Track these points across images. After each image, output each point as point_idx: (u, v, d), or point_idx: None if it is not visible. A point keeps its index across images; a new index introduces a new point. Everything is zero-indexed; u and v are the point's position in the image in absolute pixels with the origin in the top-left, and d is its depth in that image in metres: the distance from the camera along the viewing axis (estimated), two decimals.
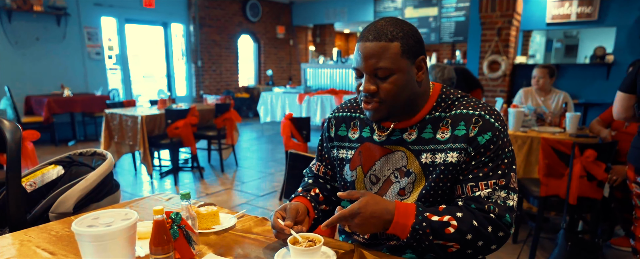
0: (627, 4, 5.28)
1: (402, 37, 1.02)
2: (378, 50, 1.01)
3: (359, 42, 1.05)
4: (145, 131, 3.94)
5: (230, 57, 8.96)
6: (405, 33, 1.03)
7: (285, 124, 3.39)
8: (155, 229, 0.86)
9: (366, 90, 1.05)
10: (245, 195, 3.82)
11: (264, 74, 9.67)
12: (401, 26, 1.03)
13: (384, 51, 1.01)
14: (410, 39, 1.03)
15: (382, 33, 1.01)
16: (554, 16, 5.69)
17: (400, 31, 1.02)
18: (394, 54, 1.01)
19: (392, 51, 1.01)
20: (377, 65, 1.02)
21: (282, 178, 4.32)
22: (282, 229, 1.07)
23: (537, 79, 3.21)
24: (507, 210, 1.02)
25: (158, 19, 7.82)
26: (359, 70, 1.06)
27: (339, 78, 7.01)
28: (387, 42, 1.01)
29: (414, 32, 1.05)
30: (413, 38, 1.04)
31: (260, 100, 6.90)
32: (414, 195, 1.12)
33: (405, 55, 1.03)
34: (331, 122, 1.29)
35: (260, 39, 9.53)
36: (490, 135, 1.03)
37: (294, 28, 10.22)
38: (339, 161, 1.26)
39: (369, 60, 1.02)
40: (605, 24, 5.43)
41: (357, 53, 1.05)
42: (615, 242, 2.79)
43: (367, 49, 1.02)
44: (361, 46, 1.04)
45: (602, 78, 5.50)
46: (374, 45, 1.01)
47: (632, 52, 5.25)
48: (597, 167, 2.29)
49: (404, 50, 1.02)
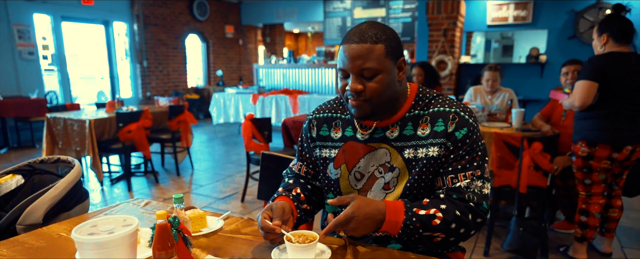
0: (557, 8, 5.77)
1: (385, 39, 1.08)
2: (364, 51, 1.06)
3: (344, 44, 1.09)
4: (95, 136, 3.73)
5: (178, 57, 8.67)
6: (388, 36, 1.09)
7: (246, 125, 3.36)
8: (160, 234, 0.84)
9: (353, 90, 1.09)
10: (205, 198, 3.73)
11: (213, 74, 9.46)
12: (384, 29, 1.10)
13: (370, 52, 1.06)
14: (393, 42, 1.10)
15: (367, 35, 1.07)
16: (493, 18, 6.10)
17: (383, 34, 1.08)
18: (379, 55, 1.07)
19: (377, 52, 1.07)
20: (364, 65, 1.07)
21: (241, 179, 4.28)
22: (272, 229, 1.08)
23: (489, 81, 3.42)
24: (484, 198, 1.12)
25: (98, 17, 7.39)
26: (345, 70, 1.11)
27: (292, 78, 7.03)
28: (372, 44, 1.06)
29: (395, 35, 1.12)
30: (395, 41, 1.11)
31: (212, 101, 6.75)
32: (399, 188, 1.19)
33: (389, 56, 1.09)
34: (312, 123, 1.32)
35: (208, 38, 9.31)
36: (466, 130, 1.12)
37: (243, 27, 10.08)
38: (322, 160, 1.30)
39: (355, 61, 1.07)
40: (538, 27, 5.91)
41: (343, 54, 1.09)
42: (557, 226, 3.06)
43: (353, 51, 1.07)
44: (347, 48, 1.08)
45: (537, 76, 5.97)
46: (360, 47, 1.06)
47: (562, 53, 5.75)
48: (543, 158, 2.51)
49: (387, 52, 1.08)
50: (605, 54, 2.28)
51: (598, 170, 2.38)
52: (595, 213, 2.45)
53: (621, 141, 2.29)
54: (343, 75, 1.13)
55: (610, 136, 2.29)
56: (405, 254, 1.08)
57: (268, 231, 1.09)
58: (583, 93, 2.26)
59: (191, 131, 4.58)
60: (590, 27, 5.57)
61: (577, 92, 2.29)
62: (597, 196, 2.44)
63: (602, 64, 2.24)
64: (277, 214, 1.13)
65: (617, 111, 2.29)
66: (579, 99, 2.28)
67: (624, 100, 2.28)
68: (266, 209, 1.16)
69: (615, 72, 2.23)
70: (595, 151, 2.34)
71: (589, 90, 2.25)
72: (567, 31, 5.73)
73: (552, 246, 2.73)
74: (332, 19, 8.87)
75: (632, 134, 2.31)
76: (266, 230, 1.09)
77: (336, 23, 8.89)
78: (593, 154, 2.35)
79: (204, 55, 9.51)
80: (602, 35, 2.31)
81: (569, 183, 2.87)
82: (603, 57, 2.27)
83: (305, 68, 6.90)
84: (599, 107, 2.31)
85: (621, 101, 2.28)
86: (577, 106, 2.31)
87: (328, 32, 8.93)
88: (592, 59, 2.29)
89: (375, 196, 1.23)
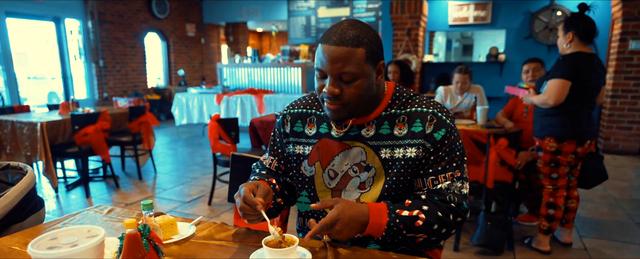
0: (514, 9, 6.00)
1: (366, 42, 1.04)
2: (344, 55, 1.02)
3: (323, 44, 1.05)
4: (47, 140, 3.50)
5: (137, 56, 8.33)
6: (369, 39, 1.05)
7: (212, 126, 3.25)
8: (130, 245, 0.77)
9: (330, 93, 1.07)
10: (170, 202, 3.59)
11: (175, 74, 9.16)
12: (366, 31, 1.05)
13: (350, 56, 1.03)
14: (374, 45, 1.06)
15: (348, 37, 1.02)
16: (455, 19, 6.25)
17: (365, 36, 1.04)
18: (359, 60, 1.04)
19: (358, 57, 1.03)
20: (343, 69, 1.04)
21: (207, 182, 4.15)
22: (255, 204, 1.03)
23: (459, 83, 3.48)
24: (463, 198, 1.12)
25: (48, 13, 6.96)
26: (323, 71, 1.07)
27: (257, 78, 6.91)
28: (353, 48, 1.02)
29: (376, 37, 1.08)
30: (376, 44, 1.07)
31: (175, 102, 6.53)
32: (375, 188, 1.17)
33: (369, 61, 1.06)
34: (286, 119, 1.28)
35: (169, 37, 9.00)
36: (444, 131, 1.11)
37: (204, 26, 9.83)
38: (296, 157, 1.26)
39: (335, 64, 1.03)
40: (497, 27, 6.11)
41: (322, 55, 1.05)
42: (521, 219, 3.17)
43: (333, 53, 1.03)
44: (326, 49, 1.04)
45: (496, 74, 6.18)
46: (340, 49, 1.02)
47: (519, 52, 5.98)
48: (509, 153, 2.58)
49: (368, 56, 1.05)
50: (576, 54, 2.36)
51: (564, 164, 2.48)
52: (560, 205, 2.54)
53: (584, 136, 2.41)
54: (320, 75, 1.09)
55: (576, 131, 2.40)
56: (387, 254, 1.06)
57: (251, 205, 1.04)
58: (557, 92, 2.34)
59: (153, 133, 4.40)
60: (545, 27, 5.83)
61: (552, 90, 2.36)
62: (562, 189, 2.54)
63: (575, 63, 2.33)
64: (261, 192, 1.09)
65: (580, 108, 2.40)
66: (553, 97, 2.35)
67: (585, 99, 2.39)
68: (250, 184, 1.11)
69: (583, 72, 2.33)
70: (562, 147, 2.43)
71: (563, 88, 2.33)
72: (523, 31, 5.96)
73: (517, 239, 2.81)
74: (296, 18, 8.82)
75: (590, 129, 2.44)
76: (249, 203, 1.04)
77: (300, 22, 8.84)
78: (561, 149, 2.44)
79: (165, 55, 9.19)
80: (568, 33, 2.39)
81: (532, 177, 2.97)
82: (575, 56, 2.35)
83: (271, 68, 6.81)
84: (566, 105, 2.40)
85: (584, 99, 2.39)
86: (550, 104, 2.38)
87: (292, 31, 8.87)
88: (566, 58, 2.37)
89: (350, 196, 1.20)
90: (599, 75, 2.40)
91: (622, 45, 5.03)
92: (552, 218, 2.57)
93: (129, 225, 0.78)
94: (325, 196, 1.24)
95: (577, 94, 2.36)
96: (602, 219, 3.19)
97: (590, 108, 2.46)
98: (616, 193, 3.80)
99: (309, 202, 1.27)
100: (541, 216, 2.62)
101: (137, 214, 1.32)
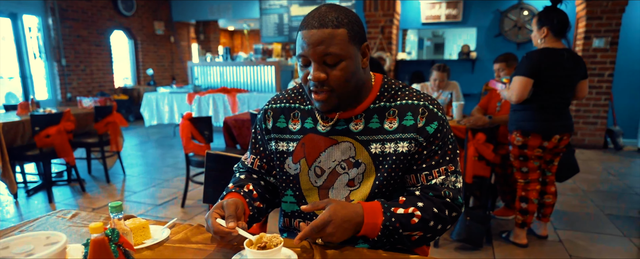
0: (484, 8, 6.11)
1: (347, 23, 1.00)
2: (325, 36, 0.98)
3: (303, 30, 1.01)
4: (4, 142, 3.27)
5: (102, 55, 7.99)
6: (349, 19, 1.01)
7: (185, 125, 3.13)
8: (96, 251, 0.68)
9: (316, 79, 1.01)
10: (142, 205, 3.43)
11: (143, 73, 8.86)
12: (345, 12, 1.01)
13: (332, 37, 0.98)
14: (355, 25, 1.02)
15: (327, 19, 0.98)
16: (427, 17, 6.31)
17: (345, 17, 1.00)
18: (341, 40, 0.99)
19: (340, 37, 0.99)
20: (327, 51, 0.98)
21: (179, 184, 4.00)
22: (226, 233, 0.96)
23: (436, 81, 3.49)
24: (458, 192, 1.09)
25: (4, 9, 6.57)
26: (306, 57, 1.02)
27: (230, 76, 6.77)
28: (333, 29, 0.98)
29: (356, 18, 1.04)
30: (357, 24, 1.03)
31: (144, 102, 6.30)
32: (365, 185, 1.12)
33: (352, 41, 1.01)
34: (268, 114, 1.21)
35: (136, 35, 8.70)
36: (437, 124, 1.07)
37: (174, 24, 9.56)
38: (279, 154, 1.19)
39: (317, 47, 0.98)
40: (468, 25, 6.21)
41: (302, 41, 1.01)
42: (497, 213, 3.20)
43: (314, 36, 0.98)
44: (306, 33, 0.99)
45: (469, 72, 6.28)
46: (321, 32, 0.98)
47: (490, 49, 6.10)
48: (487, 148, 2.59)
49: (350, 36, 1.00)
50: (541, 50, 2.38)
51: (532, 158, 2.51)
52: (533, 199, 2.57)
53: (550, 130, 2.43)
54: (303, 62, 1.04)
55: (541, 126, 2.42)
56: (376, 252, 1.01)
57: (225, 236, 0.96)
58: (519, 89, 2.36)
59: (121, 134, 4.20)
60: (514, 25, 5.96)
61: (513, 87, 2.39)
62: (534, 182, 2.56)
63: (537, 61, 2.34)
64: (230, 212, 1.00)
65: (547, 104, 2.42)
66: (515, 94, 2.38)
67: (554, 94, 2.41)
68: (216, 208, 1.03)
69: (548, 69, 2.35)
70: (528, 141, 2.46)
71: (524, 85, 2.35)
72: (493, 29, 6.08)
73: (495, 233, 2.83)
74: (268, 16, 8.70)
75: (560, 124, 2.45)
76: (220, 234, 0.96)
77: (273, 20, 8.73)
78: (527, 143, 2.47)
79: (132, 53, 8.87)
80: (542, 28, 2.41)
81: (508, 171, 3.00)
82: (538, 54, 2.37)
83: (243, 66, 6.68)
84: (532, 100, 2.42)
85: (551, 95, 2.41)
86: (513, 100, 2.41)
87: (265, 29, 8.74)
88: (529, 55, 2.39)
89: (338, 194, 1.14)
90: (569, 70, 2.40)
91: (586, 43, 5.20)
92: (526, 212, 2.59)
93: (95, 230, 0.69)
94: (311, 194, 1.17)
95: (544, 90, 2.38)
96: (573, 211, 3.26)
97: (563, 103, 2.46)
98: (585, 185, 3.91)
99: (295, 202, 1.20)
100: (516, 210, 2.65)
101: (105, 218, 1.21)
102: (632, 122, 5.59)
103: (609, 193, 3.72)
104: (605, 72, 5.20)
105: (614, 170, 4.49)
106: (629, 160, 4.99)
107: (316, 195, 1.17)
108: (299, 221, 1.21)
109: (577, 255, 2.54)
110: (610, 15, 5.06)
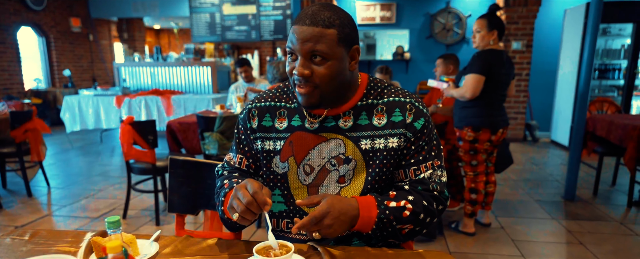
0: (415, 11, 6.42)
1: (338, 24, 1.01)
2: (315, 34, 0.99)
3: (295, 25, 1.02)
4: None
5: (8, 54, 7.12)
6: (341, 21, 1.02)
7: (126, 130, 2.89)
8: None
9: (300, 74, 1.02)
10: (76, 219, 3.11)
11: (59, 75, 8.05)
12: (338, 13, 1.03)
13: (321, 36, 1.00)
14: (347, 28, 1.03)
15: (319, 18, 1.00)
16: (363, 18, 6.49)
17: (337, 18, 1.01)
18: (330, 40, 1.01)
19: (329, 37, 1.00)
20: (314, 48, 1.00)
21: (116, 193, 3.70)
22: (265, 203, 0.93)
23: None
24: (444, 186, 1.13)
25: None
26: (294, 52, 1.03)
27: (162, 78, 6.40)
28: (323, 28, 1.00)
29: (349, 20, 1.05)
30: (349, 27, 1.04)
31: (64, 106, 5.72)
32: (356, 181, 1.13)
33: (341, 43, 1.03)
34: (252, 112, 1.18)
35: (48, 32, 7.87)
36: (423, 120, 1.11)
37: (92, 21, 8.81)
38: (265, 153, 1.17)
39: (305, 43, 1.00)
40: (401, 27, 6.50)
41: (293, 36, 1.02)
42: None
43: (304, 33, 1.00)
44: (297, 29, 1.01)
45: (403, 71, 6.57)
46: (311, 29, 0.99)
47: (422, 50, 6.43)
48: None
49: (340, 38, 1.02)
50: (490, 51, 2.56)
51: (482, 151, 2.69)
52: (481, 189, 2.75)
53: (497, 125, 2.63)
54: (292, 57, 1.05)
55: (489, 121, 2.61)
56: (382, 250, 1.02)
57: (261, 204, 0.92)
58: (473, 86, 2.52)
59: (44, 143, 3.78)
60: (442, 28, 6.35)
61: (468, 85, 2.53)
62: (482, 174, 2.75)
63: (489, 60, 2.52)
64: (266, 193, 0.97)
65: (493, 100, 2.62)
66: (470, 91, 2.53)
67: (497, 91, 2.62)
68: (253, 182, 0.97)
69: (496, 67, 2.54)
70: (479, 135, 2.63)
71: (478, 82, 2.51)
72: (425, 31, 6.42)
73: (444, 224, 2.99)
74: (199, 15, 8.35)
75: (502, 119, 2.68)
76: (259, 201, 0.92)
77: (204, 19, 8.39)
78: (477, 138, 2.64)
79: (44, 52, 8.01)
80: (493, 30, 2.57)
81: (453, 164, 3.18)
82: (488, 54, 2.55)
83: (177, 67, 6.36)
84: (481, 97, 2.60)
85: (496, 92, 2.61)
86: (467, 97, 2.55)
87: (196, 28, 8.37)
88: (481, 55, 2.55)
89: (328, 191, 1.15)
90: (507, 70, 2.63)
91: (506, 45, 5.69)
92: (475, 202, 2.78)
93: (113, 249, 0.60)
94: (300, 193, 1.16)
95: (490, 87, 2.57)
96: (507, 199, 3.55)
97: (501, 100, 2.69)
98: (513, 175, 4.28)
99: (283, 201, 1.18)
100: (465, 201, 2.81)
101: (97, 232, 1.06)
102: (545, 117, 6.24)
103: (534, 181, 4.10)
104: (523, 72, 5.74)
105: (535, 160, 4.97)
106: (545, 150, 5.56)
107: (305, 194, 1.16)
108: (286, 221, 1.19)
109: (518, 239, 2.76)
110: (525, 20, 5.60)
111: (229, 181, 1.13)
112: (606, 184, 3.95)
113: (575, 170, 3.46)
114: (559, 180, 4.11)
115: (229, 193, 1.08)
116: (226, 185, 1.12)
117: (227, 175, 1.19)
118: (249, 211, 0.93)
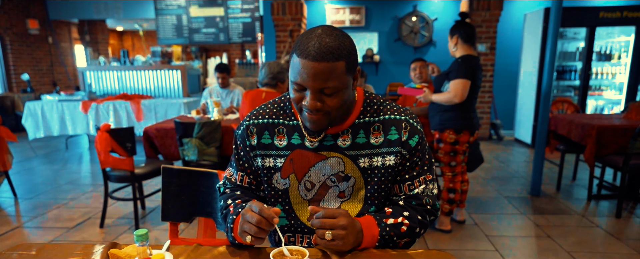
0: (384, 14, 6.58)
1: (346, 54, 1.01)
2: (325, 70, 0.99)
3: (302, 58, 0.99)
4: None
5: None
6: (348, 49, 1.02)
7: (103, 137, 2.82)
8: None
9: (313, 107, 1.03)
10: (50, 230, 3.00)
11: (17, 79, 7.67)
12: (343, 42, 1.02)
13: (332, 71, 1.00)
14: (352, 55, 1.04)
15: (327, 52, 0.98)
16: (333, 21, 6.57)
17: (344, 48, 1.01)
18: (340, 73, 1.01)
19: (339, 70, 1.01)
20: (325, 84, 1.01)
21: (90, 201, 3.59)
22: (272, 217, 0.96)
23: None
24: (435, 198, 1.21)
25: None
26: (302, 85, 1.03)
27: (129, 82, 6.23)
28: (333, 62, 0.99)
29: (352, 45, 1.06)
30: (354, 53, 1.05)
31: (26, 112, 5.47)
32: (355, 197, 1.19)
33: (349, 72, 1.04)
34: (250, 130, 1.20)
35: (3, 34, 7.49)
36: (418, 137, 1.16)
37: (51, 23, 8.44)
38: (266, 170, 1.20)
39: (316, 80, 1.00)
40: (371, 30, 6.63)
41: (302, 70, 1.00)
42: None
43: (313, 69, 0.99)
44: (306, 64, 0.99)
45: (373, 74, 6.70)
46: (321, 65, 0.98)
47: (391, 53, 6.59)
48: None
49: (348, 68, 1.03)
50: (469, 56, 2.69)
51: (461, 152, 2.82)
52: (458, 189, 2.89)
53: (474, 127, 2.78)
54: (298, 88, 1.04)
55: (469, 123, 2.75)
56: (385, 251, 1.08)
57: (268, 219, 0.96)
58: (462, 90, 2.64)
59: (9, 151, 3.61)
60: (410, 31, 6.53)
61: (457, 89, 2.65)
62: (459, 174, 2.88)
63: (472, 65, 2.66)
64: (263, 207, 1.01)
65: (471, 103, 2.76)
66: (459, 95, 2.65)
67: (475, 95, 2.77)
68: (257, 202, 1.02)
69: (477, 72, 2.69)
70: (460, 137, 2.76)
71: (466, 87, 2.65)
72: (393, 34, 6.59)
73: None
74: (165, 17, 8.18)
75: (477, 121, 2.84)
76: (266, 217, 0.96)
77: (171, 21, 8.23)
78: (459, 140, 2.77)
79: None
80: (454, 36, 2.74)
81: None
82: (470, 59, 2.68)
83: (145, 70, 6.21)
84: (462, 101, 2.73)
85: (474, 95, 2.76)
86: (456, 101, 2.68)
87: (162, 30, 8.20)
88: (465, 59, 2.68)
89: (329, 205, 1.20)
90: (481, 74, 2.80)
91: None
92: (453, 201, 2.91)
93: None
94: (301, 207, 1.21)
95: (471, 91, 2.72)
96: (479, 196, 3.73)
97: (474, 103, 2.85)
98: (483, 173, 4.48)
99: (284, 216, 1.23)
100: (443, 200, 2.94)
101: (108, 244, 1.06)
102: (509, 116, 6.55)
103: (502, 178, 4.32)
104: (488, 73, 6.01)
105: (501, 158, 5.22)
106: (509, 148, 5.85)
107: (306, 208, 1.20)
108: (288, 235, 1.23)
109: (491, 234, 2.91)
110: (489, 24, 5.87)
111: (234, 204, 1.15)
112: (568, 179, 4.22)
113: (540, 168, 3.68)
114: (524, 177, 4.34)
115: (236, 220, 1.09)
116: (231, 209, 1.14)
117: (230, 193, 1.21)
118: (261, 229, 0.96)
